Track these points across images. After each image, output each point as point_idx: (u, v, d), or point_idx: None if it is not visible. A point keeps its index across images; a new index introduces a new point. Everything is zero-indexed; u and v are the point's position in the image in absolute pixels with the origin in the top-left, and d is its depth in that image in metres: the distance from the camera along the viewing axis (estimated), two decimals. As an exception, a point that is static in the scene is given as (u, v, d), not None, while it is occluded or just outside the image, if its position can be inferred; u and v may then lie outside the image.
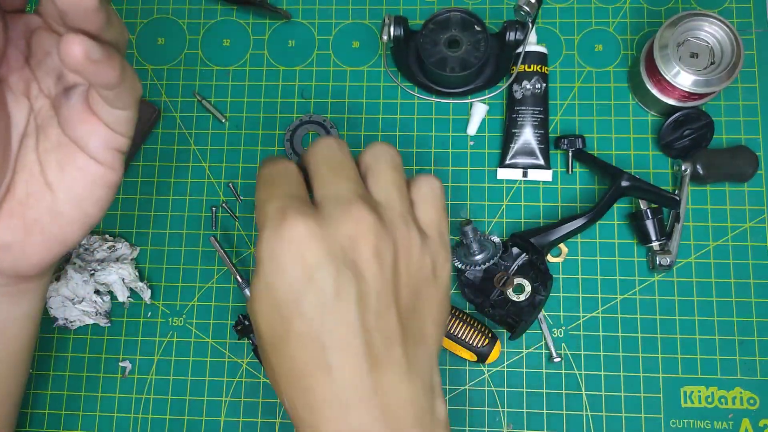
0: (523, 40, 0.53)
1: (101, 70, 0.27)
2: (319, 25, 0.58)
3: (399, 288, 0.33)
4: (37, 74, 0.32)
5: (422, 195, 0.35)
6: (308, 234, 0.30)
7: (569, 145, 0.53)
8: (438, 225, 0.36)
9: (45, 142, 0.32)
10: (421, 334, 0.34)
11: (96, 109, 0.31)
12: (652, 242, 0.51)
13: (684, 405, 0.50)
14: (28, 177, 0.32)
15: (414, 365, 0.33)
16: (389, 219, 0.33)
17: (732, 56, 0.49)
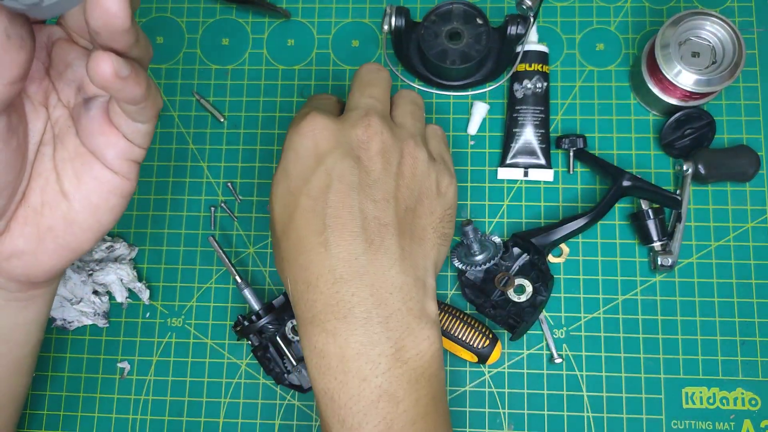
0: (525, 34, 0.52)
1: (128, 86, 0.27)
2: (319, 23, 0.58)
3: (400, 187, 0.37)
4: (56, 85, 0.32)
5: (430, 133, 0.42)
6: (323, 127, 0.36)
7: (570, 144, 0.53)
8: (444, 155, 0.42)
9: (62, 151, 0.32)
10: (419, 235, 0.37)
11: (116, 121, 0.31)
12: (654, 242, 0.50)
13: (685, 406, 0.49)
14: (44, 185, 0.32)
15: (407, 258, 0.36)
16: (400, 135, 0.38)
17: (734, 55, 0.49)
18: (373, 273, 0.34)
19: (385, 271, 0.35)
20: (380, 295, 0.34)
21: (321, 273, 0.34)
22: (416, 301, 0.35)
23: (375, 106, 0.39)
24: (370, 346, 0.33)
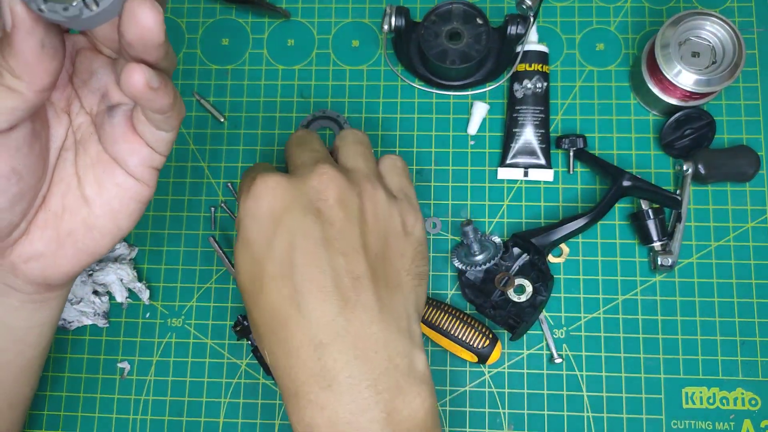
0: (525, 34, 0.52)
1: (158, 97, 0.28)
2: (319, 24, 0.58)
3: (366, 233, 0.35)
4: (80, 92, 0.32)
5: (387, 167, 0.40)
6: (275, 185, 0.34)
7: (570, 144, 0.53)
8: (405, 189, 0.39)
9: (84, 157, 0.33)
10: (394, 281, 0.35)
11: (140, 129, 0.32)
12: (654, 242, 0.50)
13: (685, 406, 0.49)
14: (65, 190, 0.32)
15: (387, 309, 0.33)
16: (355, 178, 0.36)
17: (733, 55, 0.49)
18: (354, 332, 0.32)
19: (365, 329, 0.32)
20: (365, 355, 0.32)
21: (300, 341, 0.32)
22: (403, 356, 0.33)
23: (320, 156, 0.37)
24: (360, 414, 0.31)
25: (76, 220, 0.33)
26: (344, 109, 0.56)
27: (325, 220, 0.33)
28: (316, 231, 0.33)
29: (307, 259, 0.33)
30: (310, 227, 0.33)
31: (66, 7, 0.24)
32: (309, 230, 0.33)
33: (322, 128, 0.56)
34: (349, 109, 0.56)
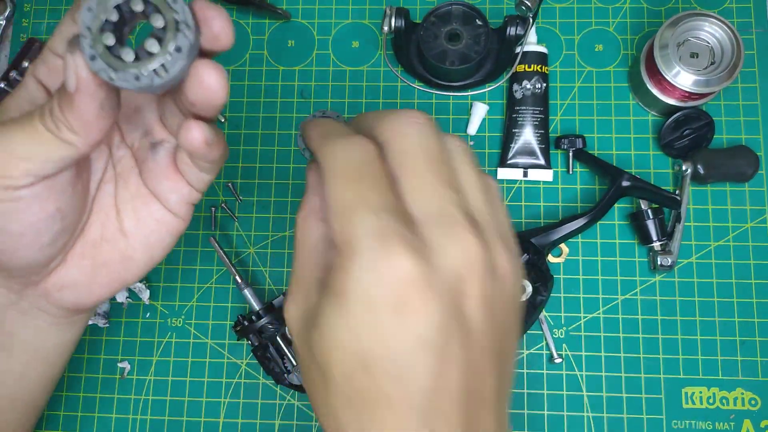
0: (524, 35, 0.53)
1: (212, 151, 0.29)
2: (319, 24, 0.58)
3: (496, 333, 0.26)
4: (122, 127, 0.33)
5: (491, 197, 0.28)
6: (415, 276, 0.23)
7: (570, 144, 0.53)
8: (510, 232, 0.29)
9: (124, 190, 0.33)
10: (509, 388, 0.28)
11: (182, 169, 0.32)
12: (653, 242, 0.50)
13: (685, 406, 0.49)
14: (104, 221, 0.33)
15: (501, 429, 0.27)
16: (488, 241, 0.26)
17: (732, 56, 0.49)
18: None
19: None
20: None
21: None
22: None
23: (459, 203, 0.25)
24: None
25: (112, 250, 0.33)
26: (344, 110, 0.56)
27: (466, 331, 0.24)
28: (454, 343, 0.24)
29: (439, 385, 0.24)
30: (445, 336, 0.24)
31: (137, 77, 0.24)
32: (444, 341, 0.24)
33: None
34: (349, 110, 0.56)
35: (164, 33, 0.23)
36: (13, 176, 0.27)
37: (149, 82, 0.24)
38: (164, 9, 0.23)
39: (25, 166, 0.27)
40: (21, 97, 0.30)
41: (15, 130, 0.27)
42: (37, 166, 0.27)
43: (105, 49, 0.23)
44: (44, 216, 0.29)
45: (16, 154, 0.27)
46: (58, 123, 0.26)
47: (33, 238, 0.29)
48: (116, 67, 0.23)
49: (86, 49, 0.23)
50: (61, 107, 0.26)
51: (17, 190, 0.27)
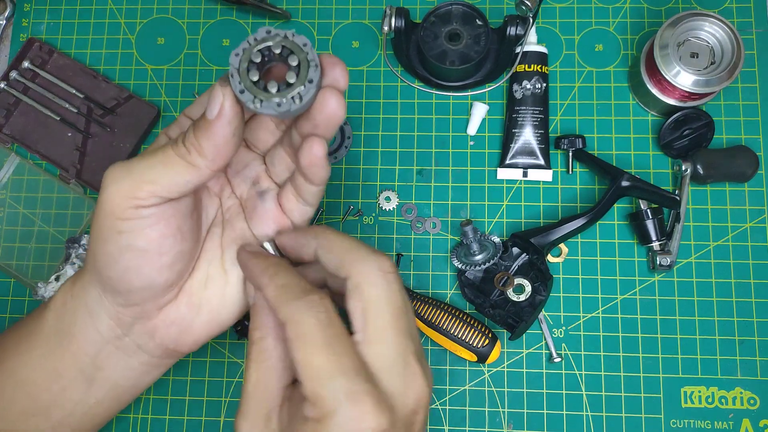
0: (524, 35, 0.53)
1: (325, 168, 0.32)
2: (319, 24, 0.58)
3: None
4: (232, 181, 0.37)
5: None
6: (383, 426, 0.27)
7: (569, 145, 0.53)
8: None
9: (230, 232, 0.36)
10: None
11: (288, 209, 0.36)
12: (653, 242, 0.51)
13: (684, 405, 0.50)
14: (211, 260, 0.36)
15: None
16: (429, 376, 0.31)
17: (732, 56, 0.49)
18: None
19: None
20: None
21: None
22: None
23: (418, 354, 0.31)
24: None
25: (215, 289, 0.36)
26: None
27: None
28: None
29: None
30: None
31: (279, 104, 0.29)
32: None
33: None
34: (349, 110, 0.56)
35: (298, 69, 0.29)
36: (140, 197, 0.30)
37: (288, 108, 0.29)
38: (298, 51, 0.29)
39: (152, 188, 0.30)
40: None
41: (148, 158, 0.31)
42: (163, 189, 0.31)
43: (251, 84, 0.29)
44: (167, 233, 0.32)
45: (145, 177, 0.30)
46: (190, 148, 0.30)
47: (155, 257, 0.32)
48: (262, 97, 0.29)
49: (236, 85, 0.29)
50: (197, 133, 0.30)
51: (144, 209, 0.31)
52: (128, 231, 0.31)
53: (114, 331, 0.35)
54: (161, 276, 0.33)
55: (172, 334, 0.36)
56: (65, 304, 0.36)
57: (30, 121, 0.57)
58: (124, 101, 0.56)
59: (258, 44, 0.29)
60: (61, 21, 0.59)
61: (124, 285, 0.33)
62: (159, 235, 0.32)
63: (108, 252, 0.32)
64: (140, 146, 0.56)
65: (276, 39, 0.29)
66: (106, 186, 0.31)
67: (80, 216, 0.55)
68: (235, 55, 0.29)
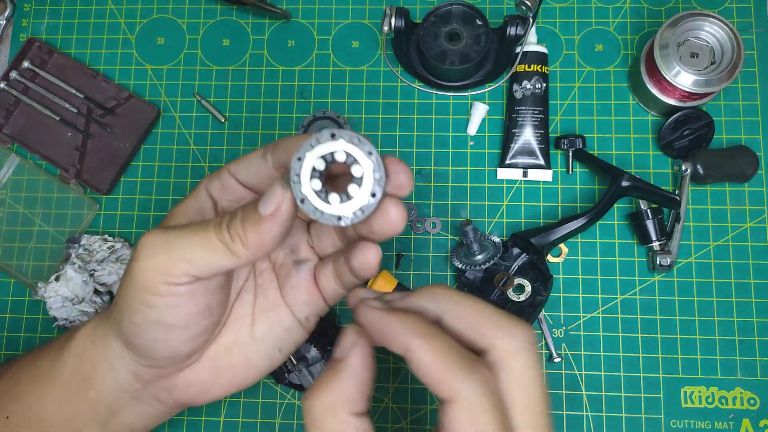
0: (524, 35, 0.53)
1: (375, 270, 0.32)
2: (319, 24, 0.58)
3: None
4: None
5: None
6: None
7: (569, 145, 0.53)
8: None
9: (262, 300, 0.36)
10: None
11: (322, 286, 0.35)
12: (653, 242, 0.51)
13: (684, 405, 0.50)
14: (239, 327, 0.35)
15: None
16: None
17: (732, 56, 0.49)
18: None
19: None
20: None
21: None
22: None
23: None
24: None
25: (240, 355, 0.35)
26: (344, 110, 0.56)
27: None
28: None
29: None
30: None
31: (339, 218, 0.28)
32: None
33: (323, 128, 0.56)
34: (349, 110, 0.56)
35: (361, 181, 0.28)
36: (173, 275, 0.30)
37: (349, 222, 0.28)
38: (362, 161, 0.28)
39: (187, 268, 0.30)
40: (190, 207, 0.34)
41: (188, 236, 0.30)
42: (197, 270, 0.30)
43: (313, 193, 0.28)
44: (196, 311, 0.32)
45: (182, 256, 0.30)
46: (235, 237, 0.29)
47: (183, 331, 0.32)
48: (323, 209, 0.28)
49: (297, 192, 0.28)
50: (245, 225, 0.29)
51: (177, 287, 0.30)
52: (158, 306, 0.31)
53: (133, 384, 0.35)
54: (186, 347, 0.33)
55: (189, 394, 0.36)
56: (85, 351, 0.36)
57: (30, 121, 0.57)
58: (124, 101, 0.56)
59: (321, 147, 0.28)
60: (60, 21, 0.59)
61: (148, 353, 0.33)
62: (188, 312, 0.32)
63: (135, 323, 0.32)
64: (140, 146, 0.56)
65: (340, 145, 0.28)
66: (141, 257, 0.30)
67: (80, 216, 0.55)
68: (297, 159, 0.28)
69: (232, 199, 0.34)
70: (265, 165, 0.33)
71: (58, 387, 0.37)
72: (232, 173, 0.34)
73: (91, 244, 0.53)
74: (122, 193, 0.56)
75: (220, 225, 0.30)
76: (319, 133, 0.28)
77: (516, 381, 0.26)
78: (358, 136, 0.28)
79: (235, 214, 0.30)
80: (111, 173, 0.55)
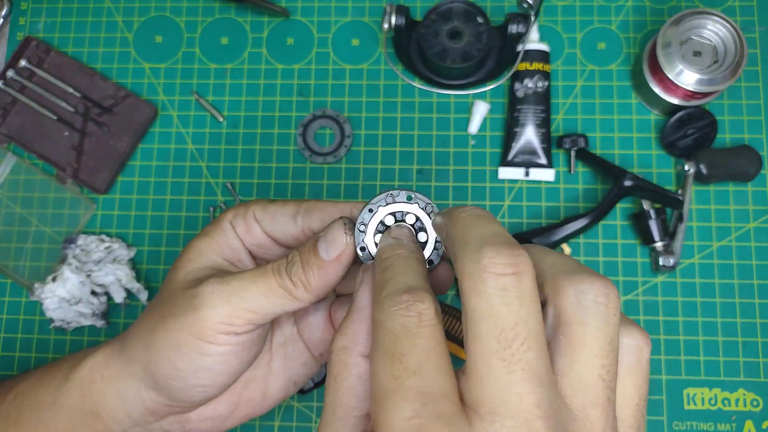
0: (525, 33, 0.52)
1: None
2: (318, 22, 0.57)
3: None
4: None
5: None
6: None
7: (572, 144, 0.52)
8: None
9: (279, 336, 0.36)
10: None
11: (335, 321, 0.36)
12: (656, 243, 0.50)
13: (687, 407, 0.49)
14: (258, 362, 0.35)
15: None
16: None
17: (735, 55, 0.49)
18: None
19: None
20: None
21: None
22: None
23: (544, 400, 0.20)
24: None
25: (258, 389, 0.35)
26: (344, 109, 0.56)
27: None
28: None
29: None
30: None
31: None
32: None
33: (322, 128, 0.55)
34: (349, 109, 0.56)
35: (423, 246, 0.28)
36: (236, 324, 0.30)
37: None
38: (430, 230, 0.28)
39: (251, 317, 0.30)
40: (221, 245, 0.33)
41: (249, 285, 0.30)
42: (259, 318, 0.30)
43: (374, 244, 0.28)
44: (248, 360, 0.32)
45: (244, 306, 0.30)
46: (297, 282, 0.29)
47: (227, 379, 0.32)
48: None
49: (359, 241, 0.28)
50: (307, 269, 0.29)
51: (237, 336, 0.30)
52: (213, 355, 0.30)
53: (144, 418, 0.34)
54: (220, 392, 0.33)
55: (203, 428, 0.35)
56: (93, 384, 0.35)
57: (27, 121, 0.56)
58: (122, 100, 0.56)
59: (394, 206, 0.28)
60: (58, 19, 0.59)
61: (182, 396, 0.32)
62: (241, 361, 0.32)
63: (179, 367, 0.31)
64: (137, 145, 0.56)
65: (413, 209, 0.28)
66: (203, 307, 0.30)
67: (77, 216, 0.55)
68: (368, 210, 0.29)
69: (254, 243, 0.34)
70: (294, 226, 0.33)
71: (63, 417, 0.36)
72: (257, 220, 0.34)
73: (88, 244, 0.53)
74: (119, 192, 0.55)
75: (279, 270, 0.30)
76: (396, 191, 0.28)
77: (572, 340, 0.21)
78: (433, 205, 0.29)
79: (293, 259, 0.30)
80: (108, 173, 0.55)
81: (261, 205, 0.34)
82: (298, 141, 0.55)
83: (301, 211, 0.33)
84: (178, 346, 0.30)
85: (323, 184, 0.54)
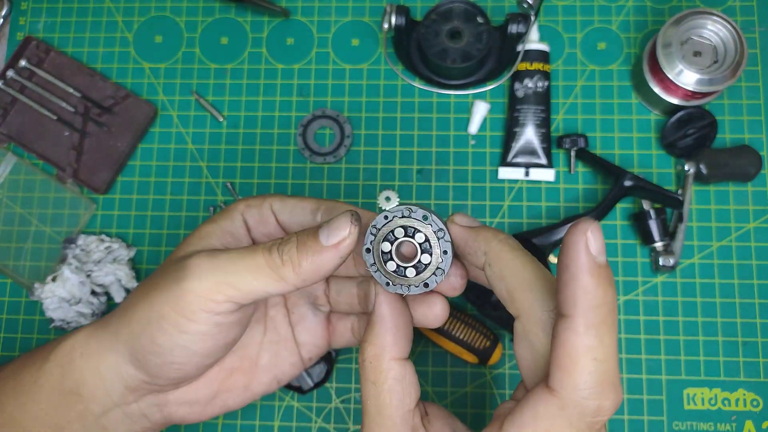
0: (526, 33, 0.52)
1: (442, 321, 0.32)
2: (318, 22, 0.57)
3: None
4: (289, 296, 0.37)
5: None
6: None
7: (572, 144, 0.52)
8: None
9: (272, 334, 0.37)
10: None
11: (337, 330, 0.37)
12: (656, 243, 0.50)
13: (687, 407, 0.49)
14: (244, 354, 0.36)
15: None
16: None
17: (735, 55, 0.49)
18: None
19: None
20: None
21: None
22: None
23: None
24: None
25: (240, 381, 0.36)
26: (344, 109, 0.56)
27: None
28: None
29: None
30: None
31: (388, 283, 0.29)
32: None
33: (322, 127, 0.55)
34: (348, 109, 0.56)
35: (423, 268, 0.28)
36: (216, 300, 0.29)
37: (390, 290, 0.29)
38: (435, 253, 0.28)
39: (232, 293, 0.29)
40: (224, 229, 0.33)
41: (236, 259, 0.29)
42: (242, 295, 0.29)
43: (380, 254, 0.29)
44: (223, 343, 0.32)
45: (228, 280, 0.29)
46: (286, 261, 0.29)
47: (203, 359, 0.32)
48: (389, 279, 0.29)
49: (368, 241, 0.29)
50: (301, 250, 0.29)
51: (216, 315, 0.30)
52: (190, 333, 0.30)
53: (124, 398, 0.34)
54: (198, 372, 0.33)
55: (180, 412, 0.35)
56: (72, 362, 0.35)
57: (27, 121, 0.56)
58: (122, 100, 0.56)
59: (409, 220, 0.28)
60: (58, 19, 0.59)
61: (159, 373, 0.32)
62: (217, 343, 0.31)
63: (158, 344, 0.31)
64: (137, 145, 0.56)
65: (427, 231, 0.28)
66: (187, 278, 0.30)
67: (77, 216, 0.55)
68: (384, 217, 0.28)
69: (266, 233, 0.34)
70: (312, 221, 0.33)
71: (41, 399, 0.35)
72: (274, 211, 0.34)
73: (88, 244, 0.53)
74: (119, 192, 0.55)
75: (269, 248, 0.29)
76: (415, 208, 0.28)
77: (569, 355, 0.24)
78: (445, 231, 0.28)
79: (289, 239, 0.29)
80: (108, 173, 0.55)
81: (279, 197, 0.34)
82: (298, 141, 0.55)
83: (322, 208, 0.33)
84: (158, 321, 0.30)
85: (323, 184, 0.54)
